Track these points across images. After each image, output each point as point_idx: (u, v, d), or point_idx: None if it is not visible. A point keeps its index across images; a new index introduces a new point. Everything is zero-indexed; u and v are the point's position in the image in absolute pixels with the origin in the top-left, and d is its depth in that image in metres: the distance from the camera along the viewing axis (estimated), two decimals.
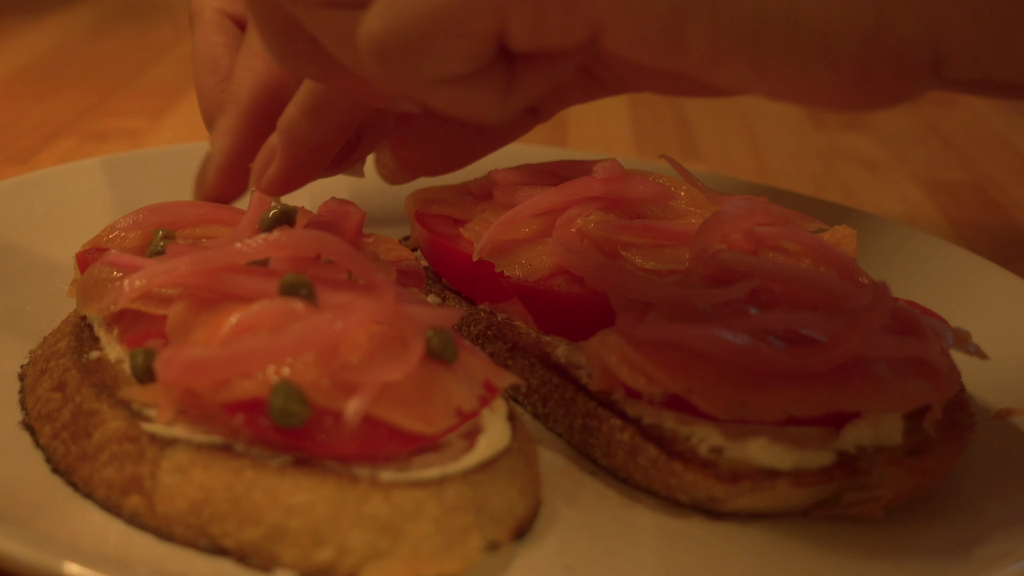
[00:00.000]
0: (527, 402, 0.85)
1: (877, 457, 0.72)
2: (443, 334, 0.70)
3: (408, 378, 0.66)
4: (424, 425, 0.66)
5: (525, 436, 0.75)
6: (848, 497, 0.72)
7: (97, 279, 0.77)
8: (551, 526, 0.71)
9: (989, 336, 0.84)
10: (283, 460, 0.65)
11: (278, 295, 0.69)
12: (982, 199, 1.43)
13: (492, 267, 0.87)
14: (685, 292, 0.78)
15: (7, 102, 1.48)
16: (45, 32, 1.79)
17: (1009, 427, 0.83)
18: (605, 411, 0.77)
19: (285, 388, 0.63)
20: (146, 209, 0.84)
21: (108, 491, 0.67)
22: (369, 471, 0.65)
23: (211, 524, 0.64)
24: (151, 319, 0.73)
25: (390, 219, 1.00)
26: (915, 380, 0.73)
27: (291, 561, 0.63)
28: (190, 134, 1.44)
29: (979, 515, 0.74)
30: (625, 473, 0.76)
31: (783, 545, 0.71)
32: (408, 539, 0.64)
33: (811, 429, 0.72)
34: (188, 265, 0.71)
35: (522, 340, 0.86)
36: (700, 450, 0.73)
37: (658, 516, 0.73)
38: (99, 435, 0.68)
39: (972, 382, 0.83)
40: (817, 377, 0.71)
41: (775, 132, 1.66)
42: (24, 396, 0.77)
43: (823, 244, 0.84)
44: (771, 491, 0.71)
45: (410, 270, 0.85)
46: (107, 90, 1.57)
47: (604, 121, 1.64)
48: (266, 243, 0.73)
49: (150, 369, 0.69)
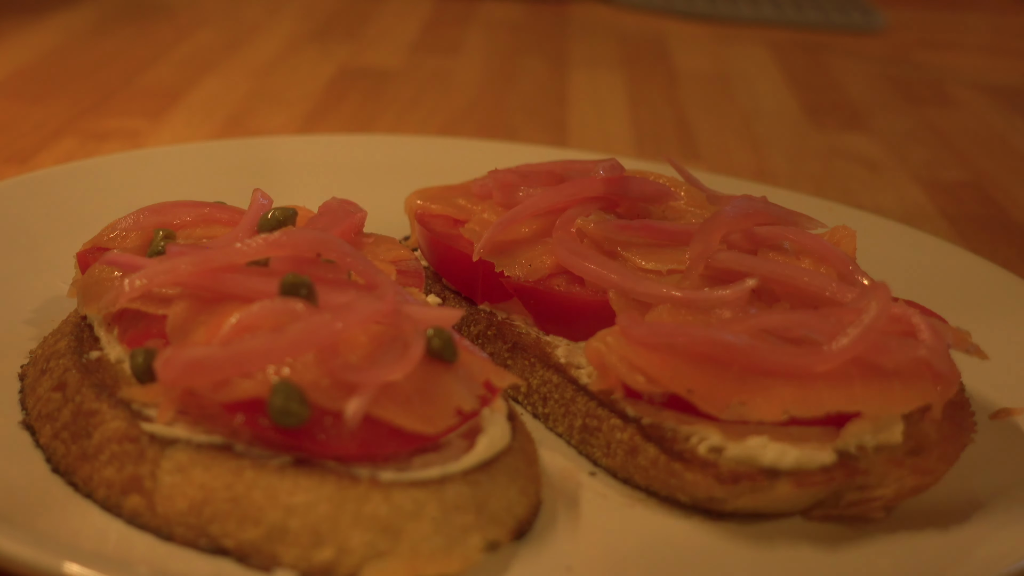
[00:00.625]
0: (527, 402, 0.85)
1: (877, 457, 0.72)
2: (443, 334, 0.70)
3: (408, 378, 0.66)
4: (424, 425, 0.66)
5: (525, 436, 0.75)
6: (848, 497, 0.72)
7: (97, 279, 0.77)
8: (551, 526, 0.71)
9: (989, 336, 0.84)
10: (283, 460, 0.65)
11: (278, 295, 0.69)
12: (982, 199, 1.43)
13: (492, 267, 0.87)
14: (685, 292, 0.78)
15: (7, 102, 1.48)
16: (45, 32, 1.79)
17: (1009, 427, 0.83)
18: (605, 411, 0.77)
19: (285, 388, 0.63)
20: (146, 209, 0.84)
21: (108, 491, 0.67)
22: (369, 471, 0.65)
23: (211, 524, 0.64)
24: (151, 319, 0.73)
25: (390, 219, 1.00)
26: (915, 380, 0.73)
27: (291, 561, 0.63)
28: (190, 134, 1.44)
29: (979, 515, 0.74)
30: (625, 473, 0.76)
31: (783, 545, 0.71)
32: (408, 539, 0.64)
33: (811, 429, 0.72)
34: (188, 265, 0.71)
35: (522, 340, 0.86)
36: (700, 450, 0.73)
37: (658, 516, 0.73)
38: (99, 435, 0.68)
39: (972, 382, 0.83)
40: (817, 377, 0.71)
41: (775, 132, 1.66)
42: (24, 396, 0.77)
43: (823, 244, 0.84)
44: (771, 491, 0.71)
45: (410, 270, 0.85)
46: (107, 90, 1.57)
47: (604, 121, 1.64)
48: (266, 243, 0.73)
49: (150, 369, 0.69)
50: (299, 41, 1.92)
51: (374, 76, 1.75)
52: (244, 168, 1.14)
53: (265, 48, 1.86)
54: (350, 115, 1.57)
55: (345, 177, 1.14)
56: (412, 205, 0.97)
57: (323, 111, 1.57)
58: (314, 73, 1.74)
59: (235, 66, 1.74)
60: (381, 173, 1.16)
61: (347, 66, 1.79)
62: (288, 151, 1.21)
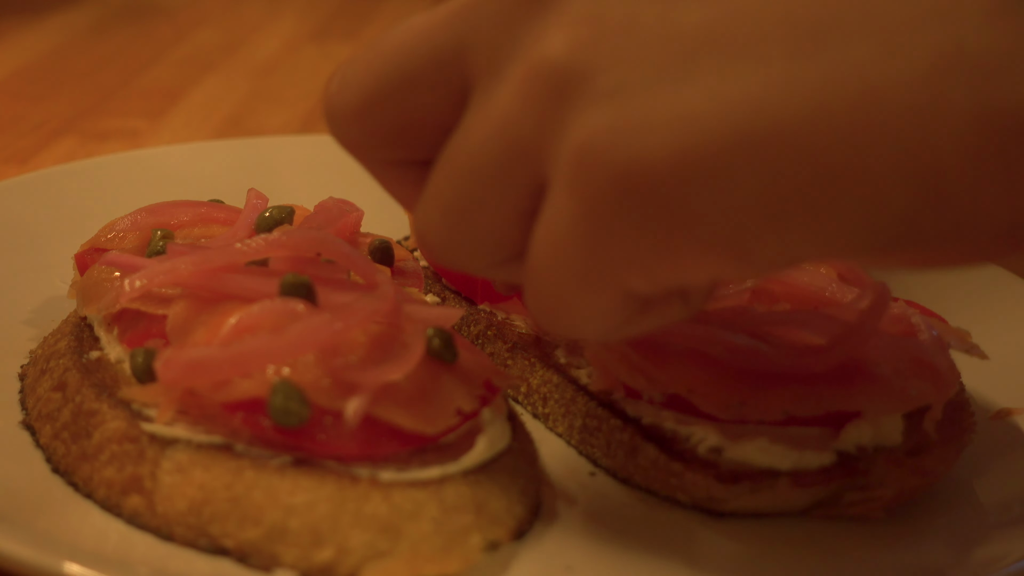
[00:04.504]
0: (527, 402, 0.85)
1: (877, 457, 0.72)
2: (443, 334, 0.70)
3: (408, 378, 0.66)
4: (424, 425, 0.66)
5: (525, 436, 0.75)
6: (848, 497, 0.72)
7: (97, 279, 0.77)
8: (551, 526, 0.71)
9: (989, 336, 0.84)
10: (283, 460, 0.65)
11: (278, 295, 0.69)
12: None
13: None
14: None
15: (7, 102, 1.48)
16: (45, 32, 1.79)
17: (1009, 427, 0.83)
18: (605, 411, 0.77)
19: (285, 388, 0.63)
20: (144, 209, 0.84)
21: (108, 491, 0.67)
22: (369, 471, 0.65)
23: (211, 524, 0.64)
24: (151, 319, 0.73)
25: (390, 219, 1.00)
26: (915, 380, 0.73)
27: (291, 561, 0.63)
28: (190, 134, 1.43)
29: (979, 515, 0.74)
30: (625, 473, 0.76)
31: (783, 545, 0.71)
32: (408, 539, 0.64)
33: (811, 429, 0.72)
34: (188, 265, 0.71)
35: (522, 340, 0.86)
36: (700, 450, 0.73)
37: (658, 516, 0.73)
38: (99, 435, 0.68)
39: (972, 382, 0.83)
40: (817, 377, 0.71)
41: None
42: (24, 396, 0.77)
43: None
44: (771, 491, 0.71)
45: (410, 270, 0.85)
46: (107, 90, 1.57)
47: None
48: (266, 243, 0.73)
49: (150, 369, 0.69)
50: (299, 41, 1.92)
51: None
52: (244, 168, 1.14)
53: (265, 48, 1.86)
54: None
55: (345, 177, 1.13)
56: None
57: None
58: (314, 73, 1.74)
59: (235, 66, 1.73)
60: None
61: None
62: (288, 151, 1.21)
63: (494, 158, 0.56)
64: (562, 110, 0.53)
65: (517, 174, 0.55)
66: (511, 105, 0.55)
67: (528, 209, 0.56)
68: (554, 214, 0.54)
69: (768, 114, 0.49)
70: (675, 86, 0.50)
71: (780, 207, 0.50)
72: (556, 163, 0.53)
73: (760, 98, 0.49)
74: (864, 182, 0.49)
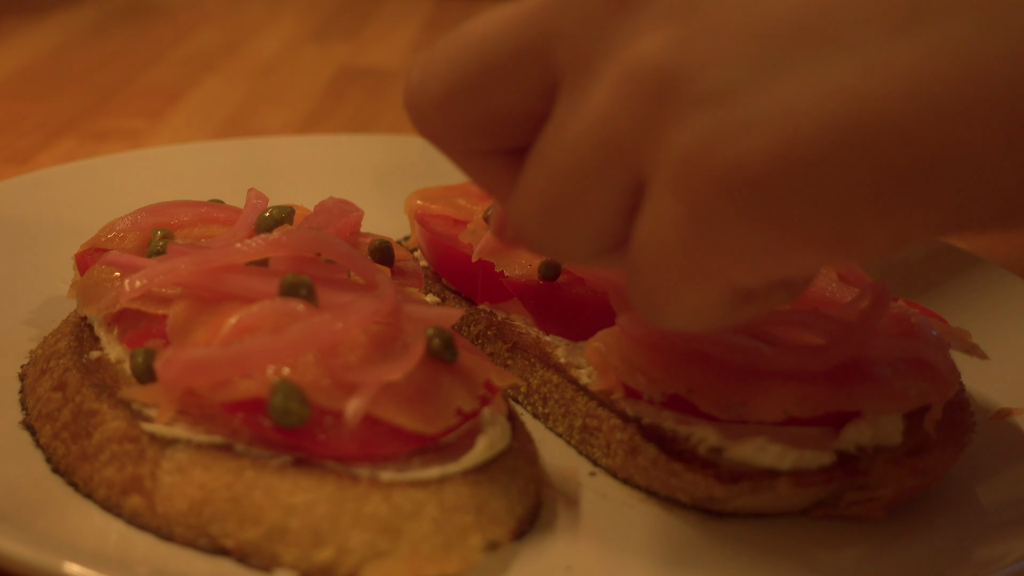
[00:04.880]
0: (527, 402, 0.85)
1: (877, 457, 0.72)
2: (443, 334, 0.70)
3: (408, 378, 0.66)
4: (424, 425, 0.66)
5: (525, 436, 0.75)
6: (848, 497, 0.72)
7: (97, 280, 0.77)
8: (551, 526, 0.71)
9: (989, 336, 0.84)
10: (283, 460, 0.65)
11: (278, 295, 0.69)
12: None
13: (492, 267, 0.87)
14: None
15: (7, 102, 1.48)
16: (45, 32, 1.79)
17: (1009, 427, 0.83)
18: (605, 411, 0.77)
19: (285, 388, 0.63)
20: (144, 209, 0.84)
21: (108, 491, 0.67)
22: (369, 471, 0.65)
23: (211, 524, 0.64)
24: (151, 319, 0.73)
25: (390, 219, 1.00)
26: (915, 380, 0.73)
27: (291, 561, 0.63)
28: (190, 134, 1.43)
29: (979, 515, 0.74)
30: (625, 473, 0.76)
31: (783, 545, 0.71)
32: (408, 539, 0.64)
33: (811, 429, 0.72)
34: (188, 265, 0.71)
35: (522, 340, 0.86)
36: (700, 450, 0.73)
37: (658, 516, 0.73)
38: (99, 435, 0.68)
39: (972, 382, 0.83)
40: (817, 377, 0.71)
41: None
42: (24, 396, 0.77)
43: None
44: (771, 491, 0.71)
45: (410, 270, 0.85)
46: (107, 90, 1.57)
47: None
48: (266, 243, 0.73)
49: (150, 369, 0.69)
50: (299, 41, 1.92)
51: (374, 76, 1.75)
52: (244, 168, 1.14)
53: (265, 48, 1.86)
54: (350, 115, 1.57)
55: (345, 177, 1.14)
56: (412, 205, 0.97)
57: (323, 111, 1.57)
58: (314, 73, 1.74)
59: (235, 66, 1.74)
60: (381, 173, 1.16)
61: (347, 66, 1.79)
62: (288, 151, 1.21)
63: (592, 156, 0.56)
64: (660, 111, 0.53)
65: (615, 172, 0.56)
66: (608, 105, 0.55)
67: (626, 205, 0.57)
68: (659, 214, 0.54)
69: (867, 101, 0.48)
70: (771, 81, 0.50)
71: (886, 193, 0.49)
72: (656, 164, 0.53)
73: (857, 85, 0.48)
74: (970, 159, 0.48)
